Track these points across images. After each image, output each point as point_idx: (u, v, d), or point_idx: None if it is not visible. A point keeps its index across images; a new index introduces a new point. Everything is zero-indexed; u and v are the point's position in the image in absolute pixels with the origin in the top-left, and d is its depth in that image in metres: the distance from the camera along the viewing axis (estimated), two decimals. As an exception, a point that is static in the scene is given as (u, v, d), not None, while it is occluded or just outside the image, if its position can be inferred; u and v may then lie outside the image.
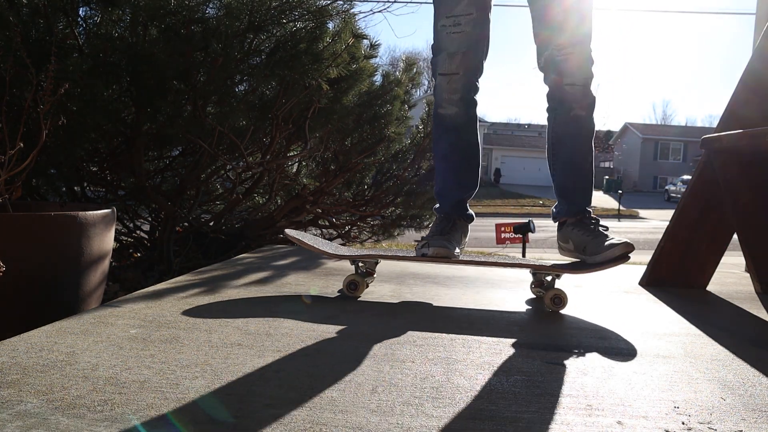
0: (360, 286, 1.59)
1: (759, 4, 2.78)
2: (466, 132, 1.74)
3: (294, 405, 0.83)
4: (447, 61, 1.66)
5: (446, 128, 1.73)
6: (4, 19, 1.91)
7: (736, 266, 2.55)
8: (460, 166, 1.76)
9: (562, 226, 1.71)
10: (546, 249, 9.81)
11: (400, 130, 3.45)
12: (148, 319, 1.26)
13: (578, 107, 1.63)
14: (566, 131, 1.67)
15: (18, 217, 1.52)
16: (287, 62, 2.42)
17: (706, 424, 0.83)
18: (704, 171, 1.94)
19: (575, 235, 1.64)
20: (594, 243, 1.56)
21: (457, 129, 1.73)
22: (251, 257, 2.28)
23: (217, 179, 3.20)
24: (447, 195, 1.77)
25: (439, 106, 1.72)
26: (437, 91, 1.71)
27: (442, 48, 1.67)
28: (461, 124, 1.73)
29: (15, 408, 0.78)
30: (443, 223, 1.71)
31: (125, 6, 2.23)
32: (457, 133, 1.74)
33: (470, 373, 1.01)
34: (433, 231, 1.69)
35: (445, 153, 1.76)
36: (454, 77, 1.67)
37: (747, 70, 1.93)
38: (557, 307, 1.51)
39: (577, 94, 1.62)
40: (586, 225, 1.63)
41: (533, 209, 22.55)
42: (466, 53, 1.66)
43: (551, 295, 1.51)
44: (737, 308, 1.70)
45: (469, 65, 1.68)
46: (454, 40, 1.65)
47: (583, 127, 1.66)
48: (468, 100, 1.72)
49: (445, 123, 1.72)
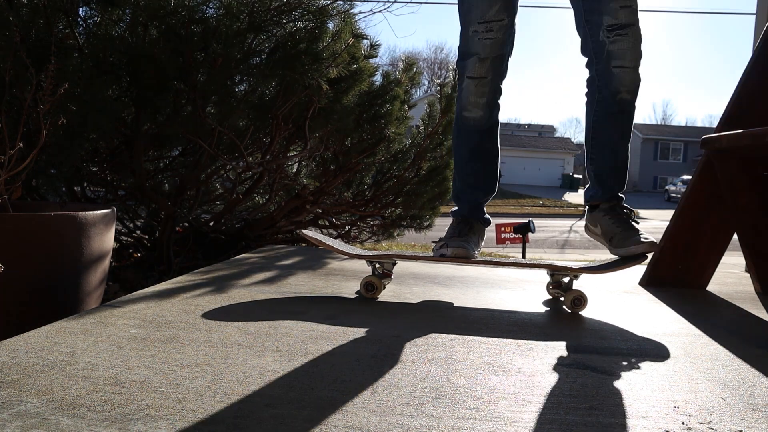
0: (377, 287, 1.59)
1: (759, 4, 2.78)
2: (489, 136, 1.76)
3: (294, 405, 0.83)
4: (477, 65, 1.67)
5: (469, 132, 1.74)
6: (4, 19, 1.91)
7: (736, 266, 2.55)
8: (480, 170, 1.77)
9: (594, 210, 1.70)
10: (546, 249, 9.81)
11: (400, 130, 3.45)
12: (148, 319, 1.26)
13: (625, 91, 1.61)
14: (610, 114, 1.65)
15: (18, 217, 1.52)
16: (287, 62, 2.42)
17: (706, 424, 0.83)
18: (704, 171, 1.94)
19: (605, 222, 1.63)
20: (621, 236, 1.55)
21: (480, 133, 1.74)
22: (251, 257, 2.28)
23: (217, 179, 3.20)
24: (465, 198, 1.78)
25: (464, 108, 1.73)
26: (464, 93, 1.71)
27: (472, 52, 1.68)
28: (485, 128, 1.74)
29: (15, 408, 0.78)
30: (461, 226, 1.71)
31: (125, 6, 2.23)
32: (480, 137, 1.75)
33: (470, 373, 1.01)
34: (450, 233, 1.70)
35: (466, 156, 1.77)
36: (483, 81, 1.69)
37: (747, 70, 1.93)
38: (577, 308, 1.51)
39: (626, 77, 1.59)
40: (618, 214, 1.62)
41: (533, 209, 22.55)
42: (495, 58, 1.68)
43: (572, 297, 1.51)
44: (737, 308, 1.70)
45: (498, 69, 1.70)
46: (486, 46, 1.66)
47: (626, 111, 1.64)
48: (493, 104, 1.73)
49: (468, 126, 1.74)
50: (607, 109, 1.65)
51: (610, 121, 1.66)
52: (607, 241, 1.61)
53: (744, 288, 2.02)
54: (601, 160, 1.69)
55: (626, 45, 1.56)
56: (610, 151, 1.68)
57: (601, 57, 1.60)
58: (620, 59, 1.57)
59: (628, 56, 1.57)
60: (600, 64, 1.61)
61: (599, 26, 1.58)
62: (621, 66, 1.58)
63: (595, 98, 1.66)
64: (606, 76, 1.61)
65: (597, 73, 1.63)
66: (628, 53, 1.57)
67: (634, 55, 1.57)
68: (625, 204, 1.67)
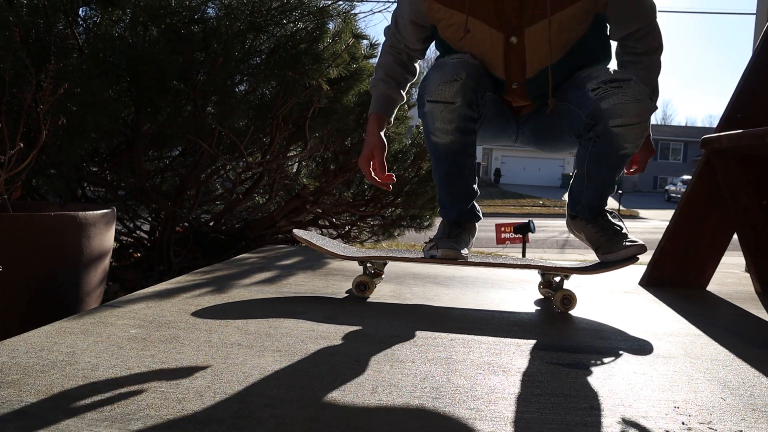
0: (369, 286, 1.59)
1: (759, 4, 2.78)
2: (464, 155, 1.58)
3: (294, 405, 0.83)
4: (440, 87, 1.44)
5: (441, 156, 1.57)
6: (4, 19, 1.91)
7: (736, 266, 2.55)
8: (460, 185, 1.65)
9: (575, 218, 1.63)
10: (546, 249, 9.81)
11: (400, 130, 3.45)
12: (148, 319, 1.26)
13: (631, 145, 1.40)
14: (608, 162, 1.47)
15: (18, 217, 1.52)
16: (287, 62, 2.42)
17: (706, 424, 0.83)
18: (704, 171, 1.94)
19: (589, 230, 1.58)
20: (608, 244, 1.50)
21: (454, 154, 1.56)
22: (251, 257, 2.28)
23: (217, 179, 3.20)
24: (450, 207, 1.69)
25: (430, 133, 1.53)
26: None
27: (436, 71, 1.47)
28: (458, 150, 1.55)
29: (15, 408, 0.78)
30: (451, 227, 1.66)
31: (125, 6, 2.24)
32: (455, 158, 1.57)
33: (470, 373, 1.01)
34: (440, 233, 1.66)
35: (442, 175, 1.62)
36: (450, 106, 1.45)
37: (747, 70, 1.93)
38: (567, 308, 1.51)
39: (634, 133, 1.37)
40: (601, 223, 1.56)
41: (533, 209, 22.55)
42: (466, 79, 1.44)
43: (561, 296, 1.51)
44: (737, 308, 1.70)
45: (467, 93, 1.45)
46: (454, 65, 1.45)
47: (625, 158, 1.45)
48: (465, 127, 1.50)
49: (439, 151, 1.55)
50: (607, 159, 1.47)
51: (606, 169, 1.50)
52: (594, 249, 1.57)
53: (744, 288, 2.02)
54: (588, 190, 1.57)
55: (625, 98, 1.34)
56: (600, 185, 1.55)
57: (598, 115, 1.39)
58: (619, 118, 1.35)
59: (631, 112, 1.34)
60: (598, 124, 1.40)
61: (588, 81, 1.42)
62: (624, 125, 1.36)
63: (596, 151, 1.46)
64: (606, 136, 1.40)
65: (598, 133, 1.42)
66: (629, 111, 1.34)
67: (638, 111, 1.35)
68: (608, 210, 1.60)
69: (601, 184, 1.54)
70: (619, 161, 1.46)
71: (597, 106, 1.38)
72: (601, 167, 1.49)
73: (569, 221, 1.68)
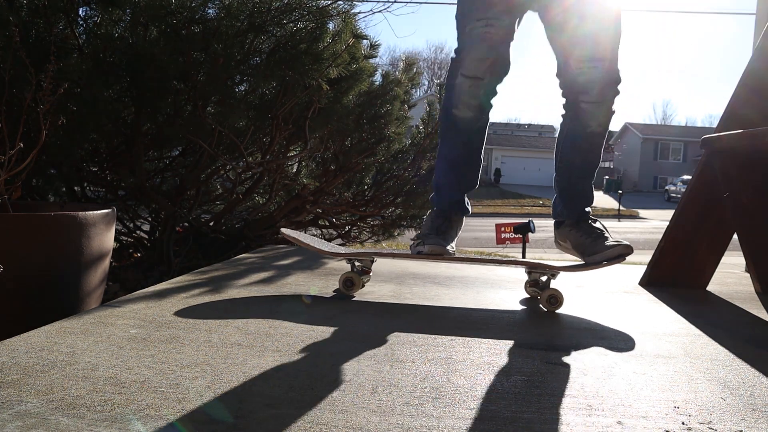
0: (356, 283, 1.59)
1: (759, 4, 2.78)
2: (477, 136, 1.70)
3: (294, 405, 0.83)
4: (474, 64, 1.58)
5: (457, 130, 1.68)
6: (4, 19, 1.91)
7: (736, 266, 2.55)
8: (463, 168, 1.72)
9: (560, 225, 1.70)
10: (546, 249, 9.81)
11: (400, 130, 3.45)
12: (148, 319, 1.26)
13: (595, 124, 1.60)
14: (578, 144, 1.65)
15: (18, 217, 1.52)
16: (287, 62, 2.42)
17: (706, 424, 0.83)
18: (704, 171, 1.94)
19: (573, 236, 1.64)
20: (592, 245, 1.56)
21: (468, 132, 1.68)
22: (251, 257, 2.28)
23: (217, 179, 3.20)
24: (447, 192, 1.73)
25: (454, 106, 1.64)
26: (456, 91, 1.63)
27: (469, 50, 1.60)
28: (474, 129, 1.68)
29: (15, 408, 0.78)
30: (439, 220, 1.68)
31: (125, 6, 2.24)
32: (468, 137, 1.69)
33: (470, 373, 1.01)
34: (428, 228, 1.67)
35: (450, 154, 1.71)
36: (479, 82, 1.60)
37: (747, 70, 1.93)
38: (553, 307, 1.51)
39: (596, 111, 1.58)
40: (584, 227, 1.63)
41: (533, 209, 22.54)
42: (495, 60, 1.59)
43: (547, 295, 1.51)
44: (737, 308, 1.70)
45: (495, 71, 1.61)
46: (485, 42, 1.57)
47: (595, 143, 1.63)
48: (485, 107, 1.66)
49: (458, 125, 1.66)
50: (576, 141, 1.65)
51: (577, 151, 1.66)
52: (579, 253, 1.62)
53: (744, 288, 2.02)
54: (566, 183, 1.70)
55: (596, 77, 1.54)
56: (575, 177, 1.69)
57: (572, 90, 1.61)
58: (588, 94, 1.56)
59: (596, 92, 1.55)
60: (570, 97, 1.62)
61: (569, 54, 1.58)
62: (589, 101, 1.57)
63: (566, 127, 1.67)
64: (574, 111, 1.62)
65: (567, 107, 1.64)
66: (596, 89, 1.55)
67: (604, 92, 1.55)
68: (591, 216, 1.68)
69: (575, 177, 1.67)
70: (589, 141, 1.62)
71: None
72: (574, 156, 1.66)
73: (556, 234, 1.74)
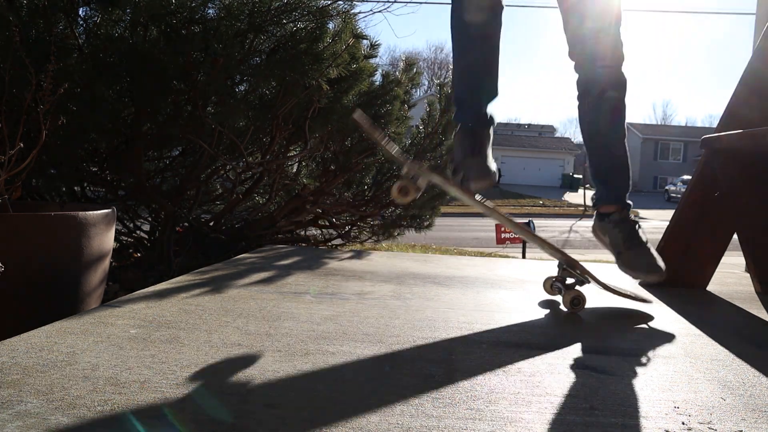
0: (410, 192, 1.42)
1: (759, 4, 2.78)
2: (492, 41, 1.60)
3: (294, 405, 0.83)
4: None
5: (471, 37, 1.58)
6: (4, 19, 1.91)
7: (736, 266, 2.55)
8: (482, 77, 1.64)
9: (603, 218, 1.68)
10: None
11: (400, 130, 3.45)
12: (148, 319, 1.26)
13: (611, 89, 1.61)
14: (599, 114, 1.64)
15: (18, 217, 1.52)
16: (287, 62, 2.42)
17: (706, 424, 0.83)
18: (704, 171, 1.94)
19: (614, 234, 1.62)
20: (628, 255, 1.55)
21: (483, 38, 1.59)
22: (251, 257, 2.28)
23: (217, 179, 3.20)
24: (470, 105, 1.63)
25: (465, 10, 1.53)
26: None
27: None
28: (489, 33, 1.58)
29: (15, 408, 0.78)
30: (467, 140, 1.58)
31: (125, 6, 2.23)
32: (483, 42, 1.59)
33: (470, 373, 1.01)
34: (460, 152, 1.57)
35: (466, 65, 1.63)
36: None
37: (747, 70, 1.93)
38: (575, 309, 1.50)
39: (610, 75, 1.60)
40: (629, 229, 1.61)
41: (533, 209, 22.54)
42: None
43: (572, 296, 1.50)
44: (737, 308, 1.70)
45: None
46: None
47: (616, 109, 1.63)
48: (497, 7, 1.57)
49: (470, 31, 1.57)
50: (597, 110, 1.64)
51: (601, 121, 1.65)
52: (614, 253, 1.61)
53: (744, 288, 2.02)
54: (599, 160, 1.69)
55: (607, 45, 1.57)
56: (606, 151, 1.68)
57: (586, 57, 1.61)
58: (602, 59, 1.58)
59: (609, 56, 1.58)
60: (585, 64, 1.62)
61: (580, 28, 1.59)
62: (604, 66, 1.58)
63: (585, 100, 1.66)
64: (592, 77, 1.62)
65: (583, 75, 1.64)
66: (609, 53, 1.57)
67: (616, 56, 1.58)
68: (635, 218, 1.66)
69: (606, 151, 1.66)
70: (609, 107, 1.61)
71: None
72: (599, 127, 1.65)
73: (596, 224, 1.72)
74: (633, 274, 1.52)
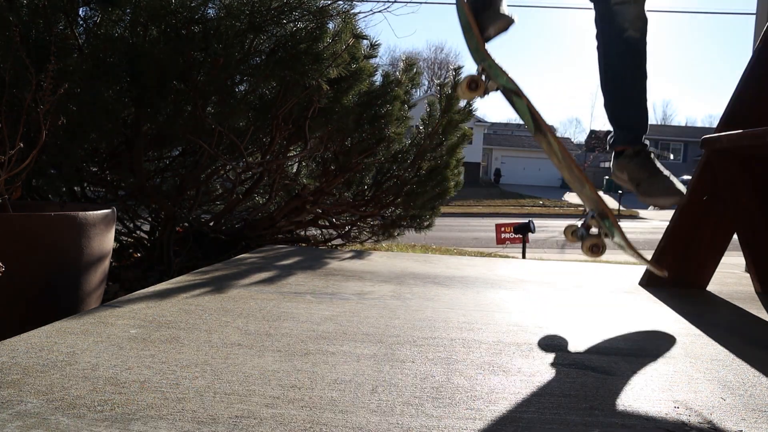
0: (480, 86, 1.50)
1: (759, 4, 2.78)
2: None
3: (294, 405, 0.83)
4: None
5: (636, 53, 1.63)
6: (4, 19, 1.91)
7: (736, 266, 2.55)
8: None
9: (619, 156, 1.67)
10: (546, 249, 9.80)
11: (400, 130, 3.44)
12: (148, 319, 1.26)
13: (631, 27, 1.58)
14: (618, 53, 1.62)
15: (18, 217, 1.52)
16: (287, 62, 2.42)
17: (706, 424, 0.83)
18: (704, 171, 1.94)
19: (631, 168, 1.61)
20: (648, 182, 1.54)
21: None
22: (251, 257, 2.28)
23: (217, 179, 3.20)
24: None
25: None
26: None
27: None
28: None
29: (15, 408, 0.78)
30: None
31: (125, 6, 2.23)
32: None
33: (470, 373, 1.01)
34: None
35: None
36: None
37: (747, 70, 1.93)
38: (594, 255, 1.47)
39: (630, 13, 1.57)
40: (644, 159, 1.60)
41: (533, 209, 22.55)
42: None
43: (593, 242, 1.46)
44: (737, 308, 1.70)
45: None
46: None
47: (636, 49, 1.61)
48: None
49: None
50: (615, 49, 1.62)
51: (619, 61, 1.63)
52: (634, 186, 1.60)
53: (744, 288, 2.02)
54: (616, 101, 1.66)
55: None
56: (623, 92, 1.65)
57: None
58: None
59: None
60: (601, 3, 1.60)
61: None
62: (623, 2, 1.56)
63: (603, 39, 1.63)
64: (609, 15, 1.59)
65: (600, 12, 1.61)
66: None
67: None
68: (651, 149, 1.65)
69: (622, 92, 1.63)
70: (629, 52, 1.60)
71: None
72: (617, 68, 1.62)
73: (613, 165, 1.71)
74: (653, 201, 1.52)
